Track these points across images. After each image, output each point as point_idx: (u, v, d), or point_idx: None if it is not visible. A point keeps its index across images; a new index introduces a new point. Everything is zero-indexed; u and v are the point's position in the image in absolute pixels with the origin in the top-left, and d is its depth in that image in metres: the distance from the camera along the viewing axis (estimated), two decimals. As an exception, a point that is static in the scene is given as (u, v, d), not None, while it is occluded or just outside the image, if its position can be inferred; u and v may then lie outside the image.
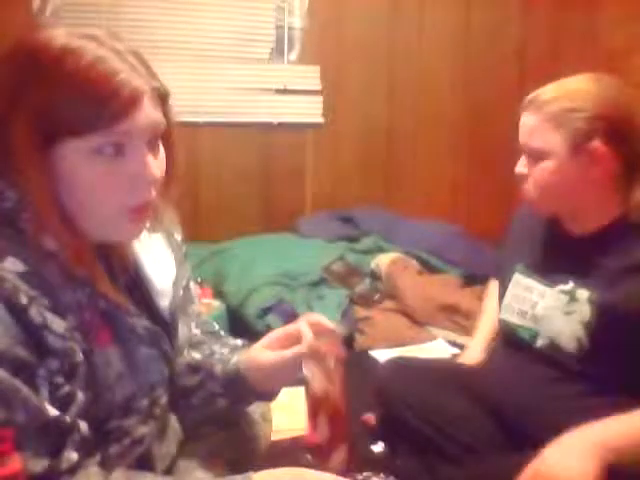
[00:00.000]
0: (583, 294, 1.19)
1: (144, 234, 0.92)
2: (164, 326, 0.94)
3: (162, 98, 0.82)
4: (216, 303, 2.27)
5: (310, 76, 2.90)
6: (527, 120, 1.22)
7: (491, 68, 3.07)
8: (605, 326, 1.15)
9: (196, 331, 1.12)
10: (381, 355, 2.11)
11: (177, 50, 2.70)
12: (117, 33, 0.82)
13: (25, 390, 0.70)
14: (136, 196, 0.80)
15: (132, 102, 0.76)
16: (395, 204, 3.00)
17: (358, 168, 3.04)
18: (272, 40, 2.84)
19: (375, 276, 2.55)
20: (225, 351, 1.09)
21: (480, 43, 3.06)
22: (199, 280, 2.35)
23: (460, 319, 2.32)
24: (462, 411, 1.35)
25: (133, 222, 0.83)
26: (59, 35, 0.77)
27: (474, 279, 2.50)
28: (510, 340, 1.32)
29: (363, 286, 2.50)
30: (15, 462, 0.68)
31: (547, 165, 1.19)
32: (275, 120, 2.88)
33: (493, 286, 1.56)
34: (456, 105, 3.06)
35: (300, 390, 1.10)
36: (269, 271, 2.38)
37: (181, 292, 1.00)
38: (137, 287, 0.93)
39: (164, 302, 0.95)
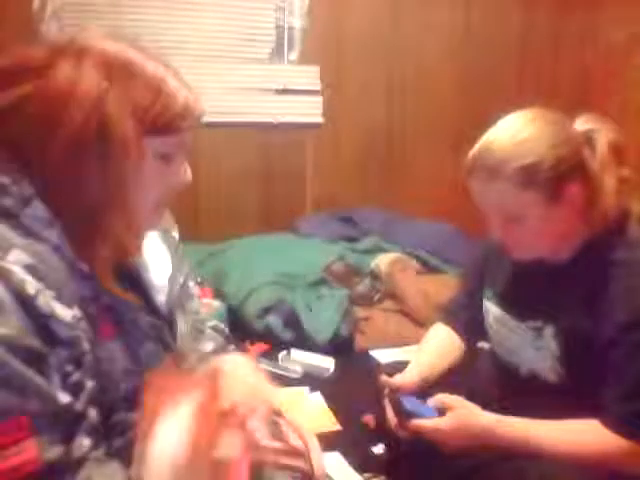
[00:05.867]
0: (549, 331, 1.18)
1: None
2: (164, 320, 0.97)
3: None
4: (216, 303, 2.27)
5: (310, 76, 2.90)
6: (486, 188, 1.14)
7: (491, 68, 3.07)
8: (576, 359, 1.15)
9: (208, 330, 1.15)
10: (381, 355, 2.12)
11: (177, 50, 2.70)
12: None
13: (38, 378, 0.71)
14: (171, 195, 0.91)
15: (196, 112, 0.89)
16: (395, 204, 3.00)
17: (358, 168, 3.04)
18: (272, 40, 2.84)
19: (375, 276, 2.55)
20: (205, 351, 1.10)
21: (480, 43, 3.06)
22: (199, 280, 2.34)
23: (460, 319, 2.32)
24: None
25: (156, 218, 0.93)
26: (130, 46, 0.88)
27: (474, 279, 2.50)
28: (499, 364, 1.33)
29: (363, 286, 2.50)
30: (31, 449, 0.70)
31: (527, 225, 1.13)
32: (275, 120, 2.88)
33: (435, 329, 1.52)
34: (456, 105, 3.06)
35: (300, 390, 1.09)
36: (269, 271, 2.38)
37: (177, 288, 1.02)
38: (136, 283, 0.95)
39: (161, 298, 0.97)
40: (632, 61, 2.79)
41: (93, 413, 0.78)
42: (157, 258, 1.00)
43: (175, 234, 1.08)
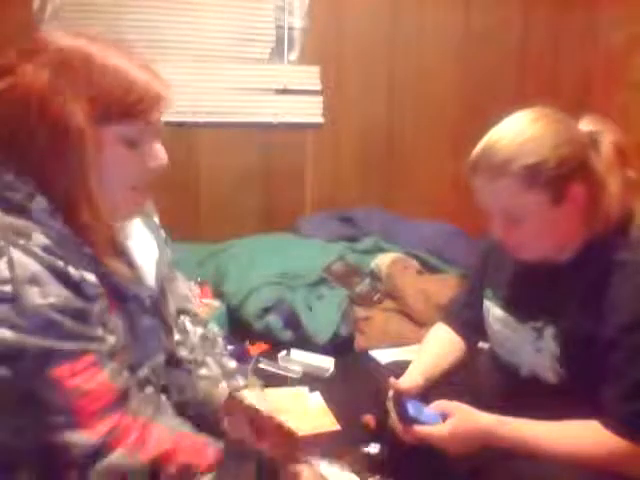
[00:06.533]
0: (549, 331, 1.18)
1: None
2: (158, 298, 1.04)
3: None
4: (216, 303, 2.27)
5: (310, 76, 2.90)
6: (490, 186, 1.13)
7: (491, 68, 3.07)
8: (576, 359, 1.15)
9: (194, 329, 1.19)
10: (381, 355, 2.12)
11: (177, 50, 2.70)
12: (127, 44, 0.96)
13: (88, 329, 0.86)
14: (146, 179, 0.95)
15: (161, 99, 0.92)
16: (395, 204, 3.00)
17: (358, 168, 3.04)
18: (272, 40, 2.84)
19: (375, 276, 2.55)
20: (216, 372, 1.15)
21: (480, 43, 3.06)
22: (199, 280, 2.35)
23: (460, 319, 2.32)
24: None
25: (137, 202, 0.97)
26: (94, 38, 0.91)
27: (474, 279, 2.50)
28: (499, 364, 1.33)
29: (363, 286, 2.50)
30: (104, 378, 0.86)
31: (529, 225, 1.13)
32: (275, 120, 2.88)
33: (436, 329, 1.52)
34: (456, 105, 3.06)
35: (300, 390, 1.10)
36: (269, 271, 2.38)
37: (165, 270, 1.09)
38: (129, 262, 1.01)
39: (150, 280, 1.03)
40: (632, 61, 2.79)
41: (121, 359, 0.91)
42: (143, 243, 1.06)
43: (156, 219, 1.15)
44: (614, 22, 2.89)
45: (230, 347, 1.88)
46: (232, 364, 1.19)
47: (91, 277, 0.87)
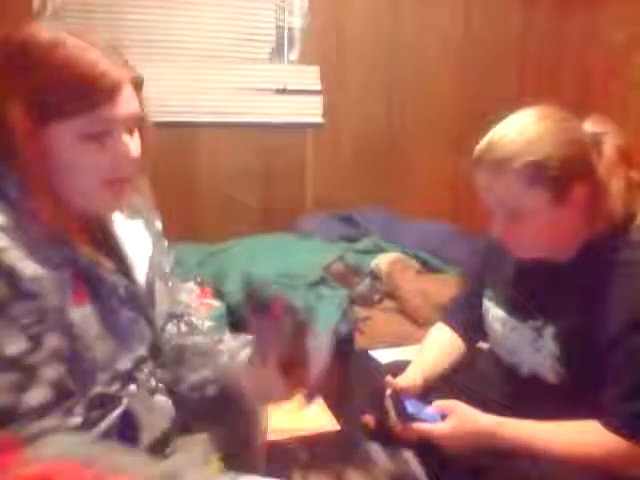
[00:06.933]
0: (549, 331, 1.18)
1: (125, 219, 1.03)
2: (144, 294, 1.02)
3: (138, 87, 0.93)
4: (216, 303, 2.27)
5: (310, 76, 2.90)
6: (493, 182, 1.14)
7: (491, 68, 3.07)
8: (576, 359, 1.15)
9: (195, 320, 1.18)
10: (381, 355, 2.11)
11: (177, 50, 2.70)
12: (93, 29, 0.95)
13: None
14: (116, 172, 0.91)
15: (114, 89, 0.87)
16: (395, 204, 3.00)
17: (358, 168, 3.04)
18: (272, 40, 2.83)
19: (375, 276, 2.55)
20: (235, 344, 1.13)
21: (480, 43, 3.06)
22: (199, 280, 2.34)
23: (460, 319, 2.32)
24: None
25: (112, 195, 0.93)
26: (44, 29, 0.88)
27: (474, 279, 2.50)
28: (499, 364, 1.33)
29: (363, 286, 2.50)
30: None
31: (530, 223, 1.13)
32: (275, 120, 2.88)
33: (436, 329, 1.52)
34: (456, 105, 3.06)
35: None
36: (269, 271, 2.38)
37: (156, 267, 1.07)
38: (119, 258, 1.00)
39: (141, 276, 1.02)
40: (632, 61, 2.79)
41: (53, 370, 0.83)
42: (138, 241, 1.05)
43: (158, 224, 1.14)
44: (614, 22, 2.89)
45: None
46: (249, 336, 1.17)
47: (34, 269, 0.82)
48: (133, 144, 0.92)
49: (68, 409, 0.85)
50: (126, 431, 0.93)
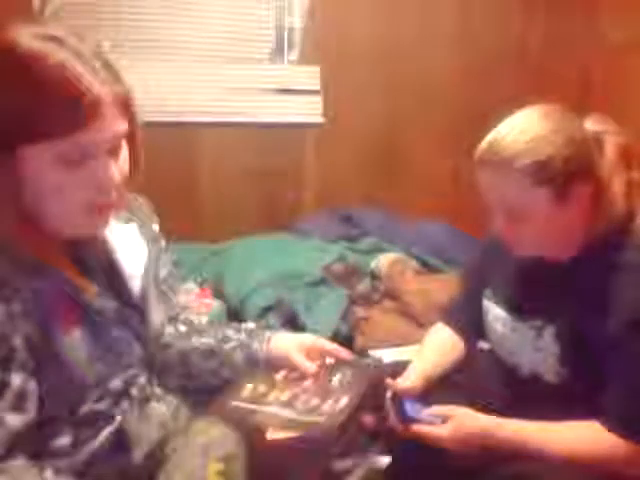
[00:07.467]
0: (549, 330, 1.18)
1: (117, 224, 0.99)
2: (136, 308, 0.99)
3: (125, 102, 0.85)
4: (216, 303, 2.27)
5: (310, 76, 2.90)
6: (496, 180, 1.14)
7: (491, 68, 3.07)
8: (576, 359, 1.15)
9: (199, 319, 1.17)
10: (381, 355, 2.11)
11: (177, 50, 2.69)
12: (82, 33, 0.85)
13: None
14: (97, 199, 0.85)
15: (92, 113, 0.79)
16: (395, 204, 3.00)
17: (358, 168, 3.04)
18: (272, 40, 2.84)
19: (375, 276, 2.55)
20: (242, 336, 1.12)
21: (480, 43, 3.06)
22: (199, 280, 2.35)
23: (460, 319, 2.31)
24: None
25: (94, 220, 0.89)
26: (22, 38, 0.83)
27: (474, 279, 2.50)
28: (499, 364, 1.33)
29: (363, 286, 2.50)
30: None
31: (531, 222, 1.13)
32: (275, 120, 2.87)
33: (436, 329, 1.52)
34: (456, 105, 3.06)
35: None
36: (269, 271, 2.38)
37: (152, 276, 1.04)
38: (111, 271, 0.98)
39: (136, 286, 1.00)
40: (632, 60, 2.79)
41: (13, 420, 0.78)
42: (133, 248, 1.02)
43: (155, 227, 1.11)
44: (614, 22, 2.89)
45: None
46: (250, 325, 1.18)
47: None
48: (115, 168, 0.85)
49: (52, 432, 0.84)
50: (118, 448, 0.91)
